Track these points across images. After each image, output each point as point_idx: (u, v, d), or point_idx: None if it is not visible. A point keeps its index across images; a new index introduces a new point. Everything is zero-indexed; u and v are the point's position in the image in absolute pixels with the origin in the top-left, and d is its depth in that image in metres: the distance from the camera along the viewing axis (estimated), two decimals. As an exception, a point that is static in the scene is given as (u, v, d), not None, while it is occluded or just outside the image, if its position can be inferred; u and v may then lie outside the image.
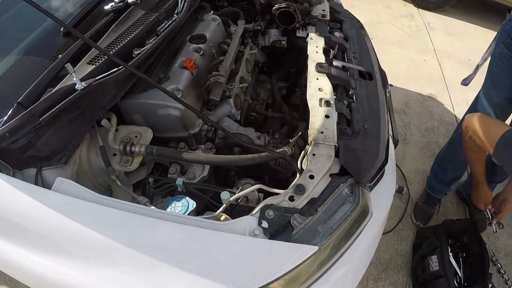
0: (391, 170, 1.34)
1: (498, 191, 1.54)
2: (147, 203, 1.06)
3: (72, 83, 1.04)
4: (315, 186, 1.02)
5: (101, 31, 1.30)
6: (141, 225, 0.91)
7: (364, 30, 1.83)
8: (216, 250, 0.89)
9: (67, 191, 0.97)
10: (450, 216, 2.16)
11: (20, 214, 0.96)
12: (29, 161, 1.02)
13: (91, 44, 0.97)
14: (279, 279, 0.87)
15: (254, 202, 1.17)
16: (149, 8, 1.45)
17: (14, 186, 0.96)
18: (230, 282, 0.84)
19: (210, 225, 0.92)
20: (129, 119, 1.31)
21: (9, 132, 0.95)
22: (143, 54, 1.21)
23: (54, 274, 0.95)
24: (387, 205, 1.28)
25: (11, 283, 1.76)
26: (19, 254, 1.00)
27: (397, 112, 2.85)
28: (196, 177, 1.22)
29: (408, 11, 4.20)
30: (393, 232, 2.06)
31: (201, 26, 1.58)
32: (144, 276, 0.87)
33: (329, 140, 1.13)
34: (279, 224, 0.93)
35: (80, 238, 0.91)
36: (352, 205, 1.02)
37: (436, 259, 1.76)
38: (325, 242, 0.92)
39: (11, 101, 1.02)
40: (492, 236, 2.07)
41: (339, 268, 0.98)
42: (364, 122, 1.25)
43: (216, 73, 1.39)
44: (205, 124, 1.35)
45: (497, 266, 1.92)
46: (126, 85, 1.21)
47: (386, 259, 1.94)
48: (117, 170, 1.16)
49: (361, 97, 1.37)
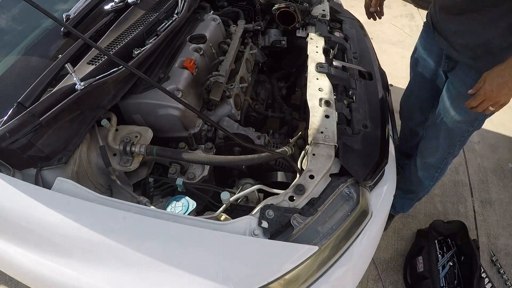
0: (391, 170, 1.34)
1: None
2: (147, 203, 1.06)
3: (72, 83, 1.04)
4: (315, 186, 1.02)
5: (101, 31, 1.30)
6: (141, 225, 0.91)
7: (364, 30, 1.83)
8: (216, 250, 0.89)
9: (67, 191, 0.97)
10: (450, 215, 2.16)
11: (20, 214, 0.96)
12: (29, 161, 1.02)
13: (91, 44, 0.97)
14: (279, 279, 0.87)
15: (254, 202, 1.17)
16: (149, 8, 1.45)
17: (14, 186, 0.96)
18: (230, 282, 0.84)
19: (210, 225, 0.92)
20: (129, 119, 1.31)
21: (9, 132, 0.95)
22: (143, 54, 1.21)
23: (54, 274, 0.95)
24: (387, 205, 1.28)
25: (11, 283, 1.76)
26: (19, 254, 1.00)
27: (397, 112, 2.84)
28: (196, 177, 1.22)
29: (408, 11, 4.19)
30: (393, 232, 2.06)
31: (201, 26, 1.58)
32: (144, 276, 0.87)
33: (329, 140, 1.13)
34: (279, 224, 0.93)
35: (80, 238, 0.91)
36: (352, 205, 1.02)
37: (422, 260, 1.75)
38: (325, 242, 0.93)
39: (11, 101, 1.03)
40: (492, 236, 2.07)
41: (339, 268, 0.98)
42: (364, 122, 1.25)
43: (216, 73, 1.39)
44: (205, 124, 1.35)
45: (497, 266, 1.92)
46: (126, 85, 1.21)
47: (386, 259, 1.94)
48: (117, 170, 1.16)
49: (361, 97, 1.37)
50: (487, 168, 2.45)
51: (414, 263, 1.77)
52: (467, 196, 2.29)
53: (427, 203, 2.22)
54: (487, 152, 2.56)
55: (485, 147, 2.60)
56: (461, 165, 2.46)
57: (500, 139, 2.65)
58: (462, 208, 2.22)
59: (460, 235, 1.86)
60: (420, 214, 2.16)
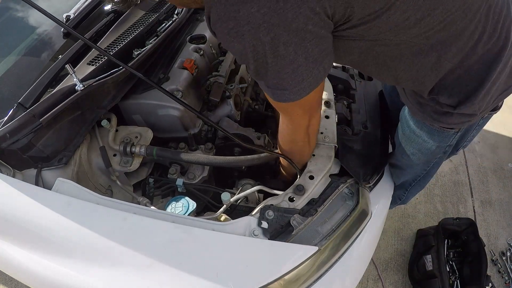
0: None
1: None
2: (148, 203, 1.06)
3: (72, 84, 1.04)
4: (315, 187, 1.03)
5: (101, 31, 1.30)
6: (141, 225, 0.91)
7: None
8: (216, 250, 0.89)
9: (68, 191, 0.97)
10: (450, 215, 2.16)
11: (21, 214, 0.96)
12: (30, 161, 1.02)
13: (91, 45, 0.97)
14: (279, 279, 0.87)
15: (254, 203, 1.17)
16: (149, 8, 1.45)
17: (14, 186, 0.96)
18: (230, 282, 0.84)
19: (210, 225, 0.93)
20: (129, 119, 1.31)
21: (9, 133, 0.95)
22: (143, 54, 1.21)
23: (54, 275, 0.95)
24: (387, 205, 1.28)
25: (11, 283, 1.76)
26: (19, 254, 1.01)
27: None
28: (196, 178, 1.22)
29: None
30: (393, 232, 2.06)
31: (201, 26, 1.58)
32: (144, 277, 0.87)
33: (329, 141, 1.13)
34: (279, 224, 0.94)
35: (81, 239, 0.91)
36: (351, 206, 1.02)
37: (431, 258, 1.76)
38: (325, 242, 0.93)
39: (11, 102, 1.03)
40: (492, 236, 2.07)
41: (339, 268, 0.98)
42: (364, 123, 1.25)
43: (216, 73, 1.39)
44: (205, 125, 1.36)
45: (497, 266, 1.92)
46: (126, 86, 1.21)
47: (386, 259, 1.94)
48: (117, 170, 1.16)
49: (361, 97, 1.37)
50: (487, 168, 2.45)
51: (423, 261, 1.77)
52: (467, 196, 2.29)
53: (427, 203, 2.22)
54: (487, 152, 2.56)
55: (485, 147, 2.60)
56: (461, 165, 2.46)
57: (500, 139, 2.65)
58: (462, 208, 2.22)
59: (469, 232, 1.86)
60: (420, 214, 2.16)
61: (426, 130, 1.03)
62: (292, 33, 0.67)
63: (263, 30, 0.66)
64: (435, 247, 1.80)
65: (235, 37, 0.69)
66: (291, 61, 0.71)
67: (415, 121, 1.04)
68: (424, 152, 1.10)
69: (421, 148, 1.09)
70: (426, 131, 1.03)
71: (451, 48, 0.81)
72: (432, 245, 1.81)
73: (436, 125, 0.99)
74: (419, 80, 0.88)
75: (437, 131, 1.00)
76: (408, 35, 0.78)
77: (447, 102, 0.90)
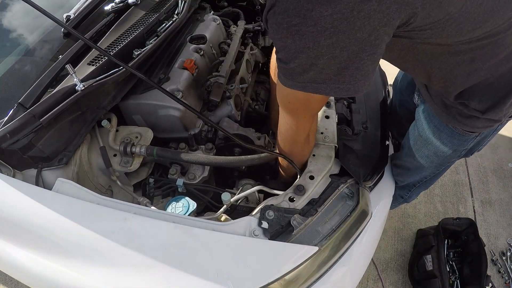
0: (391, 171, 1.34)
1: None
2: (148, 203, 1.06)
3: (73, 84, 1.04)
4: (315, 187, 1.03)
5: (102, 31, 1.30)
6: (141, 225, 0.91)
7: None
8: (216, 250, 0.89)
9: (68, 191, 0.97)
10: (450, 215, 2.16)
11: (21, 214, 0.96)
12: (30, 161, 1.02)
13: (91, 45, 0.97)
14: (279, 280, 0.87)
15: (254, 203, 1.17)
16: (149, 8, 1.45)
17: (14, 186, 0.97)
18: (230, 282, 0.84)
19: (211, 225, 0.93)
20: (130, 119, 1.31)
21: (9, 133, 0.95)
22: (143, 54, 1.21)
23: (54, 275, 0.95)
24: (387, 205, 1.28)
25: (11, 283, 1.76)
26: (19, 254, 1.01)
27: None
28: (197, 178, 1.22)
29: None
30: (393, 232, 2.06)
31: (201, 26, 1.58)
32: (145, 277, 0.87)
33: (329, 141, 1.13)
34: (279, 224, 0.94)
35: (81, 239, 0.91)
36: (352, 206, 1.02)
37: (431, 258, 1.76)
38: (325, 242, 0.93)
39: (11, 102, 1.03)
40: (492, 236, 2.07)
41: (339, 268, 0.98)
42: (364, 123, 1.25)
43: (216, 73, 1.39)
44: (205, 125, 1.36)
45: (497, 266, 1.93)
46: (127, 86, 1.21)
47: (386, 259, 1.94)
48: (117, 170, 1.16)
49: (361, 97, 1.37)
50: (487, 168, 2.45)
51: (423, 261, 1.77)
52: (467, 196, 2.29)
53: (427, 203, 2.23)
54: (487, 152, 2.56)
55: (485, 147, 2.60)
56: (461, 165, 2.46)
57: (500, 139, 2.65)
58: (462, 208, 2.22)
59: (469, 232, 1.86)
60: (420, 214, 2.17)
61: (447, 133, 1.03)
62: (353, 41, 0.64)
63: (327, 35, 0.63)
64: (435, 247, 1.80)
65: (293, 34, 0.65)
66: (340, 62, 0.68)
67: (436, 123, 1.04)
68: (440, 155, 1.10)
69: (437, 151, 1.09)
70: (446, 133, 1.03)
71: (487, 53, 0.82)
72: (432, 245, 1.81)
73: (460, 128, 0.99)
74: (451, 80, 0.89)
75: (459, 134, 1.01)
76: (453, 40, 0.79)
77: (477, 107, 0.91)
